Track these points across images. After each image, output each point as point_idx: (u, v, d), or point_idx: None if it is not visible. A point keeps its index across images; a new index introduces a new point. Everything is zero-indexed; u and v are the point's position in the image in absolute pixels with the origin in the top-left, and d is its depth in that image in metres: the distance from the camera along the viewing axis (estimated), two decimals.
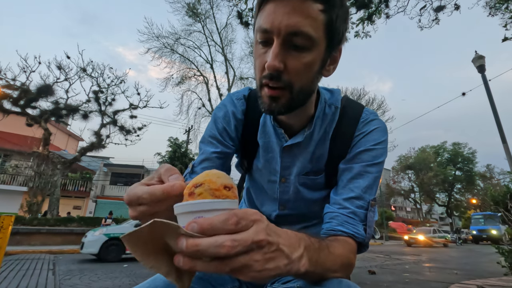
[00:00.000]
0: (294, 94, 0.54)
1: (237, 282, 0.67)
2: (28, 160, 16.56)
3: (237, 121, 0.72)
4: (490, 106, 7.15)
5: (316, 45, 0.51)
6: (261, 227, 0.33)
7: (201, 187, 0.35)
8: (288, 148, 0.68)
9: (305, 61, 0.52)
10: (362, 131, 0.65)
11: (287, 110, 0.56)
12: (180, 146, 16.87)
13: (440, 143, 36.93)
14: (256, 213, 0.34)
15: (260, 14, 0.52)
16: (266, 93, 0.54)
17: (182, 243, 0.30)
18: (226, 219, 0.31)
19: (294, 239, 0.39)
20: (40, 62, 11.81)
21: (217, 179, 0.36)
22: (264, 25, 0.50)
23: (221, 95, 17.53)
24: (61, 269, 5.28)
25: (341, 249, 0.53)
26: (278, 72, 0.51)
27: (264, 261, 0.32)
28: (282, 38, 0.50)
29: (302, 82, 0.54)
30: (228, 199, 0.35)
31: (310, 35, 0.50)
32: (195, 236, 0.30)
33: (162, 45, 17.24)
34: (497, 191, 5.00)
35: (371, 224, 0.60)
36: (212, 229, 0.30)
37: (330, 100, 0.69)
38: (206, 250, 0.29)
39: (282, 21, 0.49)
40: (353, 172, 0.62)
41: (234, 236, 0.30)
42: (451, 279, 4.50)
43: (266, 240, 0.33)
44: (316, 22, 0.50)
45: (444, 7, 6.10)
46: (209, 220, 0.31)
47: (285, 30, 0.49)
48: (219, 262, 0.31)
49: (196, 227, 0.30)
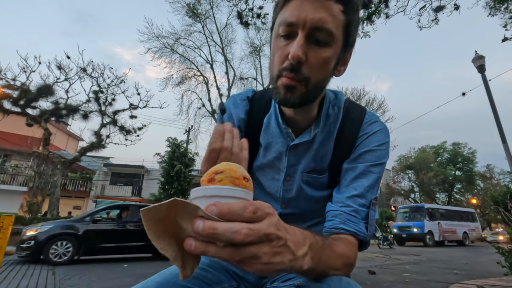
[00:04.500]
0: (309, 87, 0.56)
1: (234, 282, 0.67)
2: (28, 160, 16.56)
3: (240, 121, 0.73)
4: (490, 106, 7.16)
5: (335, 43, 0.54)
6: (273, 221, 0.34)
7: (222, 174, 0.36)
8: (295, 146, 0.68)
9: (324, 56, 0.54)
10: (366, 132, 0.67)
11: (301, 103, 0.58)
12: (179, 146, 16.86)
13: (440, 143, 36.89)
14: (269, 207, 0.34)
15: (284, 9, 0.55)
16: (283, 82, 0.56)
17: (199, 224, 0.30)
18: (244, 207, 0.31)
19: (300, 237, 0.40)
20: (40, 62, 11.82)
21: (238, 169, 0.37)
22: (290, 18, 0.53)
23: (221, 95, 17.53)
24: (61, 269, 5.28)
25: (344, 248, 0.54)
26: (299, 64, 0.53)
27: (271, 255, 0.33)
28: (306, 31, 0.52)
29: (319, 77, 0.56)
30: (246, 189, 0.36)
31: (332, 32, 0.53)
32: (212, 219, 0.30)
33: (162, 45, 17.27)
34: (497, 191, 5.00)
35: (372, 222, 0.61)
36: (231, 213, 0.31)
37: (334, 101, 0.71)
38: (222, 235, 0.30)
39: (308, 15, 0.51)
40: (357, 171, 0.63)
41: (250, 225, 0.31)
42: (451, 279, 4.50)
43: (275, 234, 0.33)
44: (337, 21, 0.53)
45: (443, 7, 6.10)
46: (228, 205, 0.31)
47: (310, 24, 0.52)
48: (232, 249, 0.31)
49: (215, 209, 0.31)
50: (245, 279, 0.70)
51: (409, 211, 17.39)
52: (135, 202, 21.31)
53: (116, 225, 6.99)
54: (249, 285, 0.70)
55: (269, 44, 0.62)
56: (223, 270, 0.67)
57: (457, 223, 17.74)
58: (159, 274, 0.60)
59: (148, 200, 19.08)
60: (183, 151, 16.87)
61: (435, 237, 16.08)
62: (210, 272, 0.64)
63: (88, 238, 6.43)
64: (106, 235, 6.75)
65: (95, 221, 6.69)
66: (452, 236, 17.12)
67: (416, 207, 17.41)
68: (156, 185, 18.39)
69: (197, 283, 0.60)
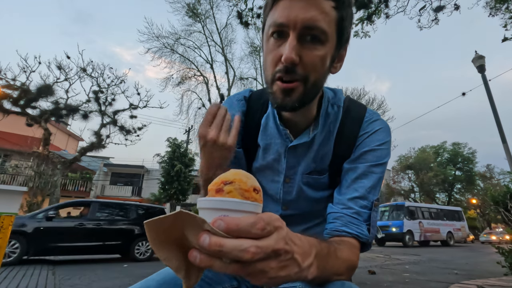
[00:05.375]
0: (308, 86, 0.55)
1: (235, 282, 0.67)
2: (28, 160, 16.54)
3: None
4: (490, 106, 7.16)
5: (328, 40, 0.53)
6: (281, 235, 0.32)
7: (231, 185, 0.34)
8: (293, 148, 0.67)
9: (319, 54, 0.53)
10: (366, 131, 0.65)
11: (300, 105, 0.57)
12: (179, 146, 16.87)
13: (440, 143, 36.86)
14: (278, 219, 0.33)
15: (273, 10, 0.54)
16: (279, 87, 0.55)
17: (205, 239, 0.28)
18: (254, 223, 0.30)
19: (307, 247, 0.39)
20: (40, 62, 11.79)
21: (247, 180, 0.35)
22: (280, 19, 0.52)
23: (221, 95, 17.53)
24: (61, 269, 5.28)
25: (347, 252, 0.53)
26: (293, 65, 0.52)
27: (278, 269, 0.32)
28: (298, 31, 0.51)
29: (316, 75, 0.55)
30: (256, 202, 0.34)
31: (324, 30, 0.52)
32: (219, 235, 0.29)
33: (162, 45, 17.27)
34: (497, 191, 5.00)
35: (374, 224, 0.60)
36: (239, 230, 0.29)
37: (333, 100, 0.69)
38: (230, 252, 0.28)
39: (298, 14, 0.50)
40: (358, 172, 0.62)
41: (258, 242, 0.30)
42: (451, 279, 4.50)
43: (284, 249, 0.32)
44: (329, 18, 0.52)
45: (443, 7, 6.11)
46: (237, 221, 0.29)
47: (301, 23, 0.50)
48: (238, 265, 0.30)
49: (223, 225, 0.29)
50: (245, 279, 0.70)
51: (389, 210, 16.47)
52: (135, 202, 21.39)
53: (74, 223, 6.33)
54: (250, 285, 0.70)
55: (261, 46, 0.61)
56: None
57: (440, 222, 16.85)
58: (159, 273, 0.60)
59: (148, 200, 19.05)
60: (183, 151, 16.88)
61: (415, 237, 15.08)
62: (210, 271, 0.64)
63: (39, 236, 5.83)
64: (61, 234, 6.12)
65: (49, 218, 6.05)
66: (434, 236, 16.16)
67: (396, 206, 16.41)
68: (156, 185, 18.39)
69: (198, 282, 0.60)
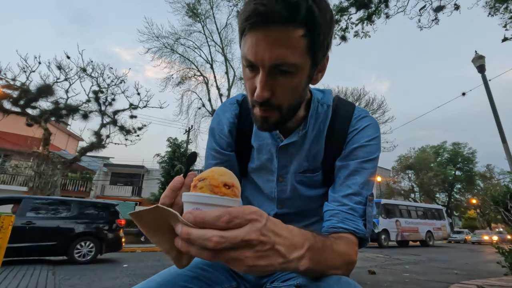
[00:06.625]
0: (283, 113, 0.57)
1: (234, 282, 0.67)
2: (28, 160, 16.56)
3: (231, 125, 0.74)
4: (490, 106, 7.16)
5: (301, 69, 0.53)
6: (255, 227, 0.34)
7: (203, 181, 0.38)
8: (284, 147, 0.69)
9: (291, 84, 0.54)
10: (355, 128, 0.67)
11: (278, 127, 0.60)
12: (180, 146, 16.88)
13: (440, 143, 36.96)
14: (254, 213, 0.35)
15: (244, 40, 0.52)
16: (257, 112, 0.57)
17: (178, 229, 0.34)
18: (218, 216, 0.33)
19: (297, 239, 0.41)
20: (40, 62, 11.79)
21: (219, 177, 0.39)
22: (248, 56, 0.51)
23: (221, 95, 17.52)
24: (61, 269, 5.28)
25: (344, 246, 0.54)
26: (266, 100, 0.53)
27: (255, 258, 0.34)
28: (267, 69, 0.51)
29: (290, 101, 0.57)
30: (226, 196, 0.37)
31: (293, 63, 0.50)
32: (189, 226, 0.34)
33: (162, 45, 17.25)
34: (497, 191, 5.00)
35: (370, 219, 0.61)
36: (204, 223, 0.33)
37: (322, 100, 0.70)
38: (196, 240, 0.33)
39: (265, 54, 0.49)
40: (350, 169, 0.64)
41: (223, 232, 0.33)
42: (451, 279, 4.50)
43: (257, 240, 0.34)
44: (298, 49, 0.50)
45: (443, 7, 6.11)
46: (203, 214, 0.34)
47: (268, 62, 0.50)
48: (210, 252, 0.33)
49: (191, 218, 0.34)
50: (245, 279, 0.70)
51: None
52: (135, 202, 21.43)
53: None
54: (249, 285, 0.70)
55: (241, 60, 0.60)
56: (223, 270, 0.67)
57: (419, 221, 16.22)
58: (160, 274, 0.61)
59: (148, 200, 19.07)
60: (183, 151, 16.89)
61: (392, 236, 14.32)
62: (210, 272, 0.64)
63: None
64: None
65: None
66: (413, 235, 15.54)
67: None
68: (156, 185, 18.39)
69: (197, 283, 0.60)
